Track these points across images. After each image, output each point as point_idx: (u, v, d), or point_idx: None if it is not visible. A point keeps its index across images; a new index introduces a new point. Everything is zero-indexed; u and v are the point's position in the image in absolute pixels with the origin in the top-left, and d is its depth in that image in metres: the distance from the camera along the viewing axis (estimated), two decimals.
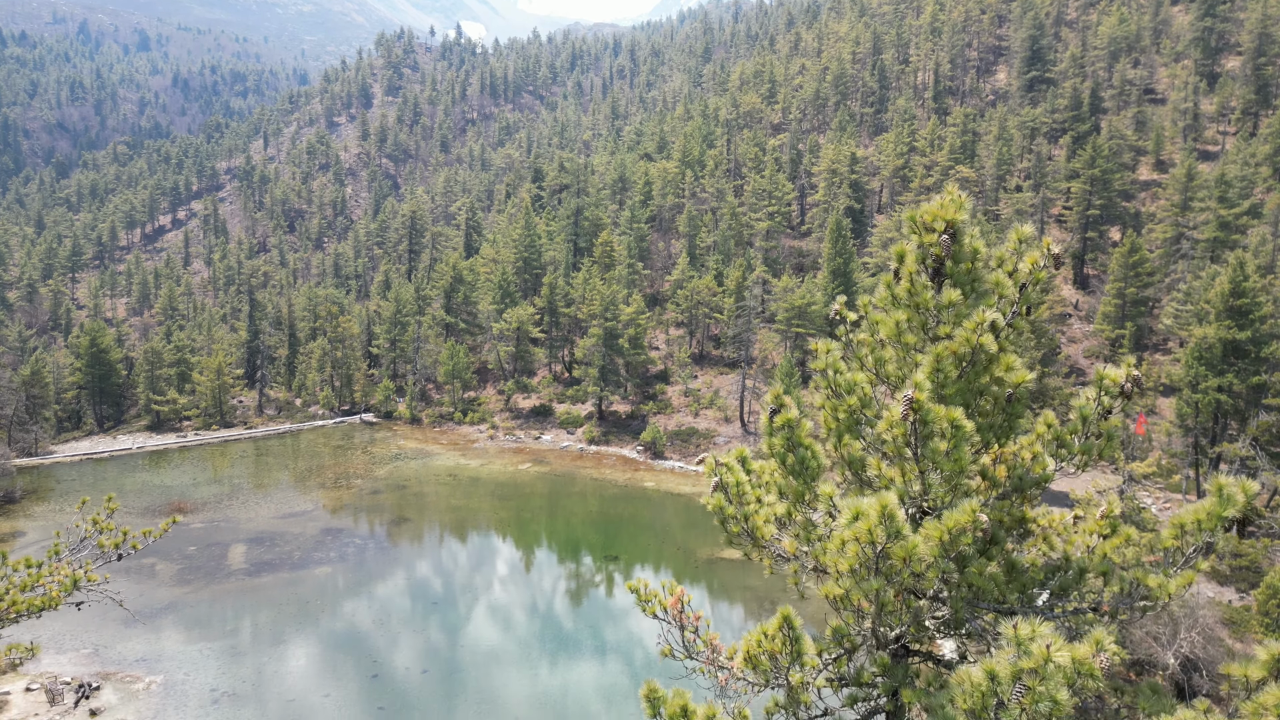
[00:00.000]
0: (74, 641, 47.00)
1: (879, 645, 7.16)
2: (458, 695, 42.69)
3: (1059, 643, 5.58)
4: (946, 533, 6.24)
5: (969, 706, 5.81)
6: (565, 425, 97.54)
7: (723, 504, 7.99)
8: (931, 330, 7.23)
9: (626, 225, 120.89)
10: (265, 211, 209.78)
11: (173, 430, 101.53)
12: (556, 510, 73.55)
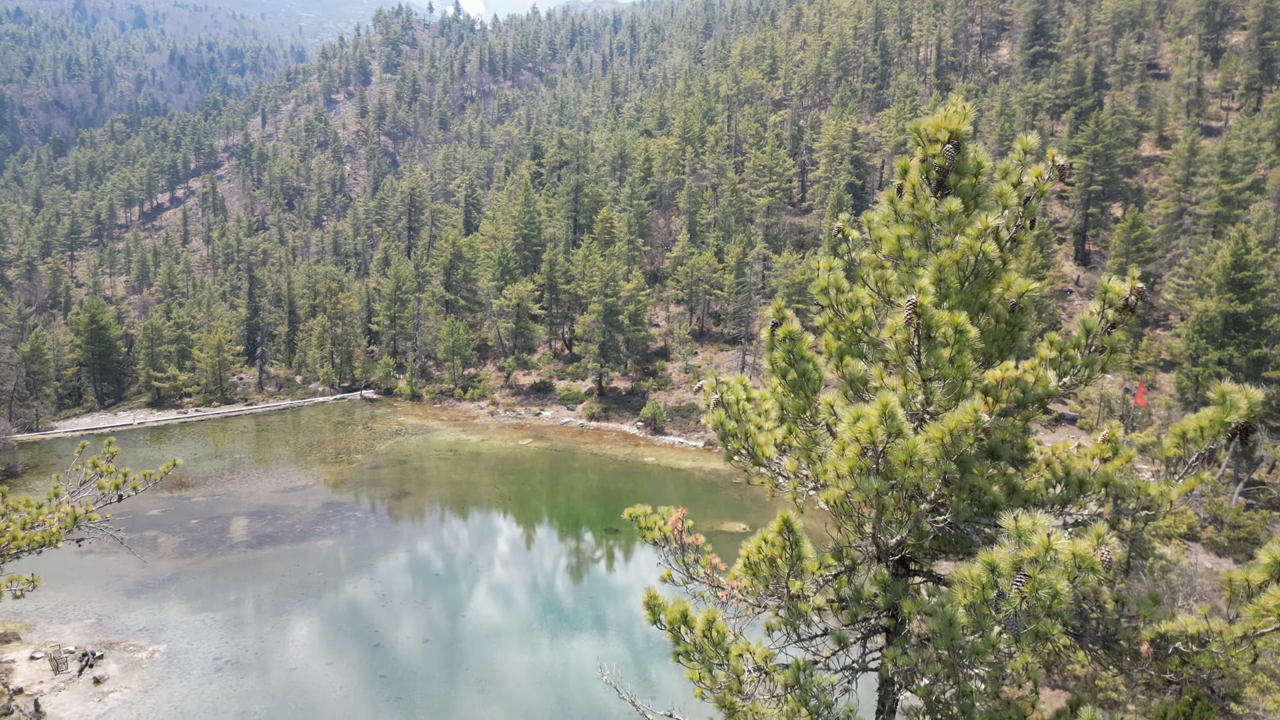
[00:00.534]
0: (77, 612, 47.29)
1: (879, 556, 7.14)
2: (459, 664, 42.98)
3: (1059, 535, 5.59)
4: (948, 434, 6.20)
5: (969, 601, 5.81)
6: (565, 401, 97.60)
7: (723, 419, 7.95)
8: (934, 244, 7.16)
9: (626, 202, 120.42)
10: (264, 189, 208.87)
11: (173, 407, 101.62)
12: (557, 485, 73.75)
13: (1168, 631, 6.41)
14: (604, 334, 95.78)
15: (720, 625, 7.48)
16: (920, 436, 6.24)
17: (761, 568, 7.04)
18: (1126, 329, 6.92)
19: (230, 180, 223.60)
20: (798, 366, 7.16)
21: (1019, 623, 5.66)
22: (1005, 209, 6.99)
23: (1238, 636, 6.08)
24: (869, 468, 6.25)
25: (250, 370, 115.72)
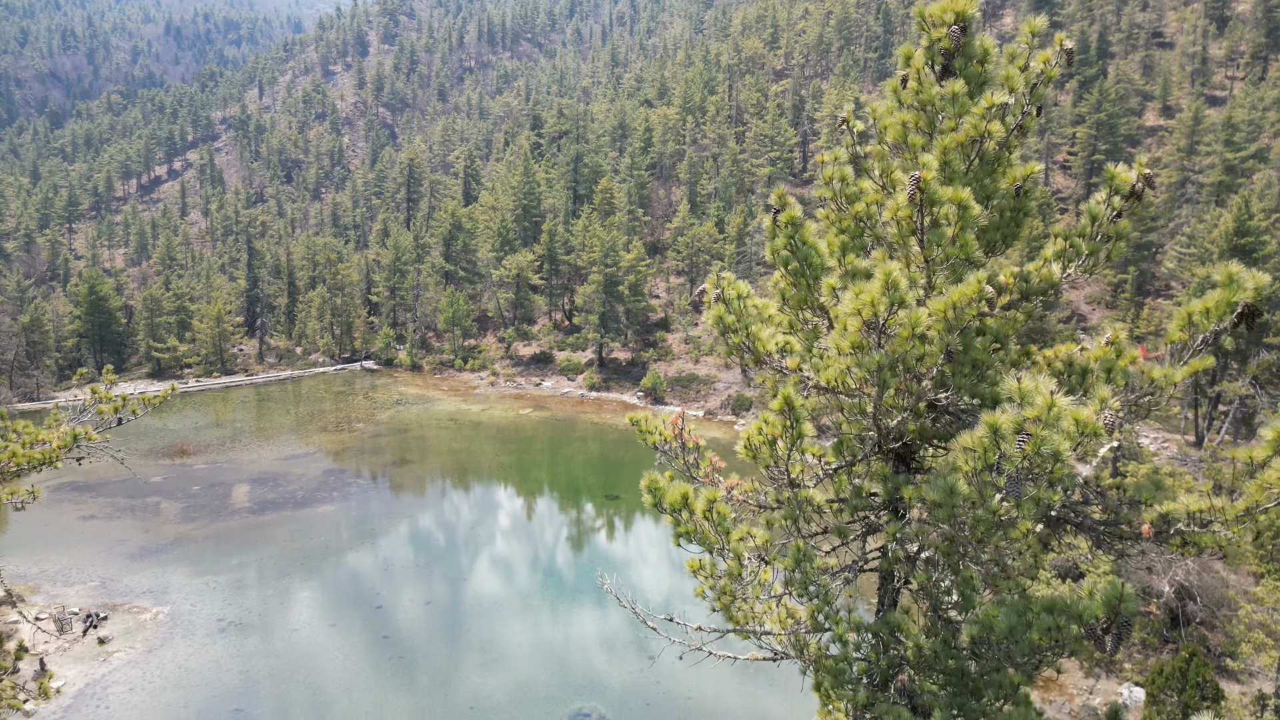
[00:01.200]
0: (81, 575, 47.57)
1: (879, 444, 7.10)
2: (460, 625, 43.30)
3: (1062, 395, 5.55)
4: (951, 306, 6.14)
5: (970, 468, 5.79)
6: (566, 372, 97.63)
7: (723, 314, 7.90)
8: (939, 130, 7.05)
9: (626, 172, 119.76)
10: (262, 161, 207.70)
11: (174, 378, 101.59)
12: (558, 453, 73.94)
13: (1170, 512, 6.40)
14: (604, 304, 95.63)
15: (721, 506, 7.47)
16: (923, 309, 6.18)
17: (763, 450, 7.02)
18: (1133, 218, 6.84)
19: (228, 152, 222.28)
20: (799, 254, 7.09)
21: (1020, 485, 5.64)
22: (1011, 92, 6.90)
23: (1240, 512, 6.06)
24: (870, 342, 6.19)
25: (250, 342, 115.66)
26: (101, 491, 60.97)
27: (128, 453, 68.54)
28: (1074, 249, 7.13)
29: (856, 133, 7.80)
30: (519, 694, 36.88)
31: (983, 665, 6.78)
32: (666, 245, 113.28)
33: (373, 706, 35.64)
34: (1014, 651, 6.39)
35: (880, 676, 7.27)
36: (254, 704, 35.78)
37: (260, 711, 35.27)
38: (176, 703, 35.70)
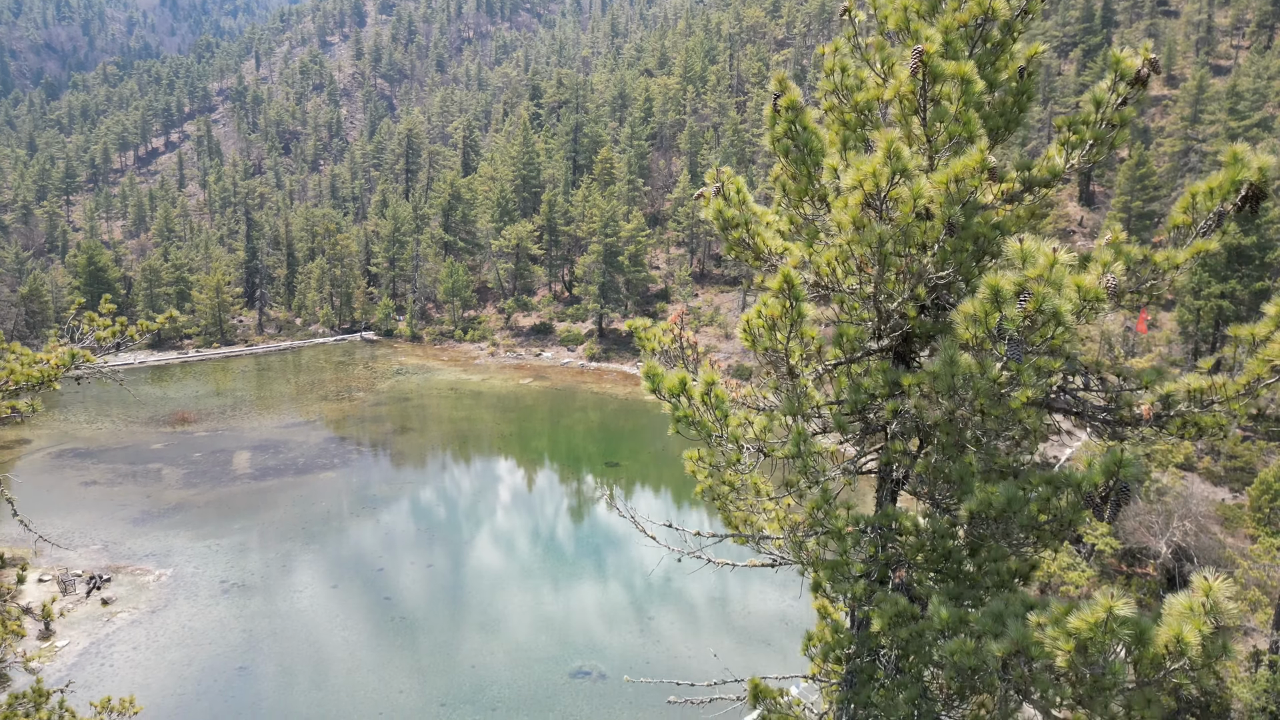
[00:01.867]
0: (84, 539, 47.81)
1: (879, 330, 7.07)
2: (461, 588, 43.61)
3: (1065, 254, 5.53)
4: (953, 178, 6.10)
5: (971, 335, 5.77)
6: (566, 343, 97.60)
7: (722, 208, 7.84)
8: (940, 13, 6.96)
9: (626, 142, 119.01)
10: (259, 133, 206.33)
11: (174, 348, 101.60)
12: (558, 422, 74.08)
13: (1170, 393, 6.40)
14: (604, 274, 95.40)
15: (719, 390, 7.47)
16: (925, 180, 6.13)
17: (762, 335, 6.99)
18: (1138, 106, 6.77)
19: (225, 124, 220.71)
20: (799, 140, 7.03)
21: (1021, 347, 5.62)
22: None
23: (1240, 388, 6.05)
24: (871, 217, 6.14)
25: (250, 313, 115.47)
26: (103, 458, 61.15)
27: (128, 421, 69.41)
28: (1077, 136, 7.07)
29: (858, 23, 7.70)
30: (520, 653, 37.21)
31: (980, 556, 6.82)
32: (667, 216, 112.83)
33: (375, 665, 35.98)
34: (1012, 529, 6.42)
35: (879, 574, 7.29)
36: (258, 662, 36.12)
37: (264, 669, 35.61)
38: (181, 661, 36.04)
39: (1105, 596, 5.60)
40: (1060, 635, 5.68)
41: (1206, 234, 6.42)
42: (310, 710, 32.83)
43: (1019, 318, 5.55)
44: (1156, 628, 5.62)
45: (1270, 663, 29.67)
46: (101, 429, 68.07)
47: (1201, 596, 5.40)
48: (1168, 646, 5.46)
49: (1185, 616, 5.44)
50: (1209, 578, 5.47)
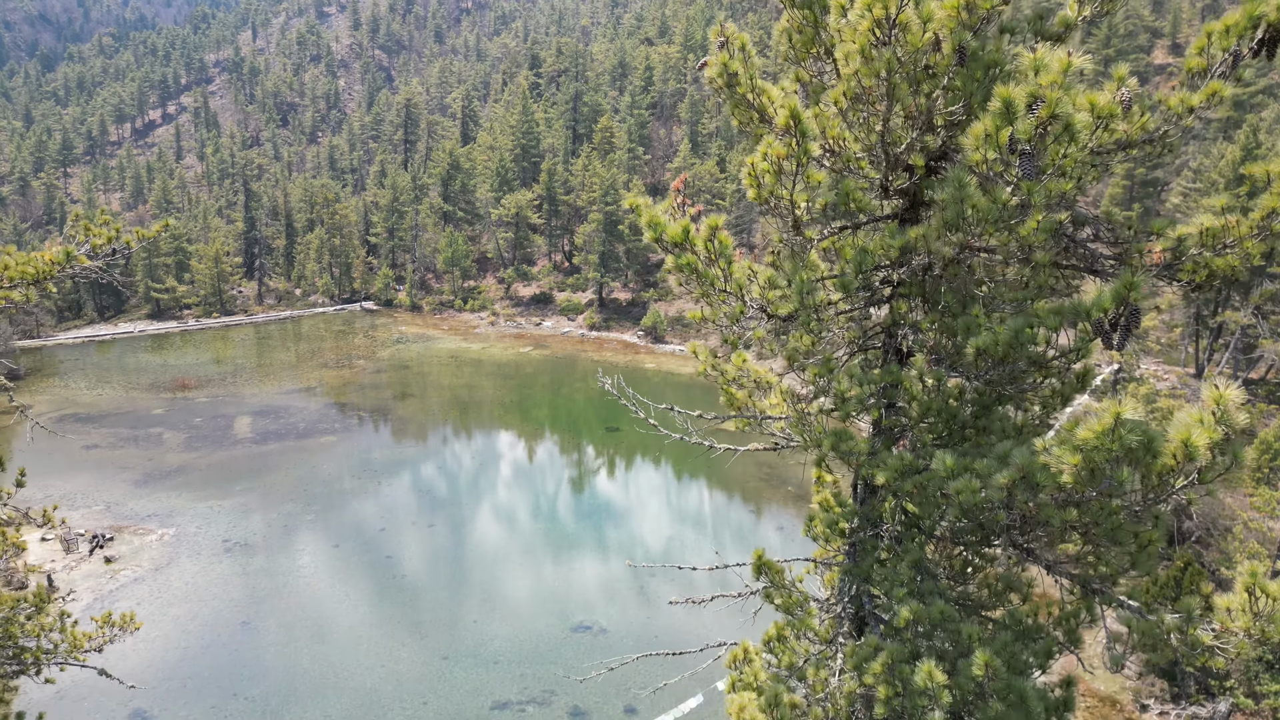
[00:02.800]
0: (86, 500, 47.95)
1: (887, 181, 6.94)
2: (462, 548, 43.80)
3: (1079, 58, 5.38)
4: (964, 4, 5.98)
5: (981, 156, 5.66)
6: (566, 312, 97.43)
7: (727, 61, 7.68)
8: None
9: (627, 111, 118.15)
10: (257, 105, 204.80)
11: (173, 318, 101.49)
12: (558, 388, 74.08)
13: (1183, 236, 6.30)
14: (604, 244, 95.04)
15: (723, 235, 7.35)
16: (934, 2, 5.99)
17: (766, 179, 6.87)
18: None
19: (222, 96, 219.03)
20: None
21: (1035, 163, 5.50)
22: None
23: (1254, 225, 5.94)
24: (880, 39, 6.00)
25: (249, 284, 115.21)
26: (104, 423, 61.21)
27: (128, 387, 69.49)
28: None
29: None
30: (521, 610, 37.42)
31: (987, 418, 6.76)
32: (667, 186, 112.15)
33: (377, 620, 36.20)
34: (1020, 371, 6.34)
35: (884, 441, 7.23)
36: (260, 617, 36.33)
37: (267, 624, 35.82)
38: (184, 616, 36.25)
39: (1113, 404, 5.51)
40: (1066, 451, 5.62)
41: (1222, 76, 6.29)
42: (313, 663, 33.06)
43: (1031, 128, 5.42)
44: (1166, 439, 5.55)
45: None
46: (102, 395, 68.07)
47: (1212, 405, 5.32)
48: (1175, 455, 5.39)
49: (1194, 424, 5.36)
50: (1219, 386, 5.38)
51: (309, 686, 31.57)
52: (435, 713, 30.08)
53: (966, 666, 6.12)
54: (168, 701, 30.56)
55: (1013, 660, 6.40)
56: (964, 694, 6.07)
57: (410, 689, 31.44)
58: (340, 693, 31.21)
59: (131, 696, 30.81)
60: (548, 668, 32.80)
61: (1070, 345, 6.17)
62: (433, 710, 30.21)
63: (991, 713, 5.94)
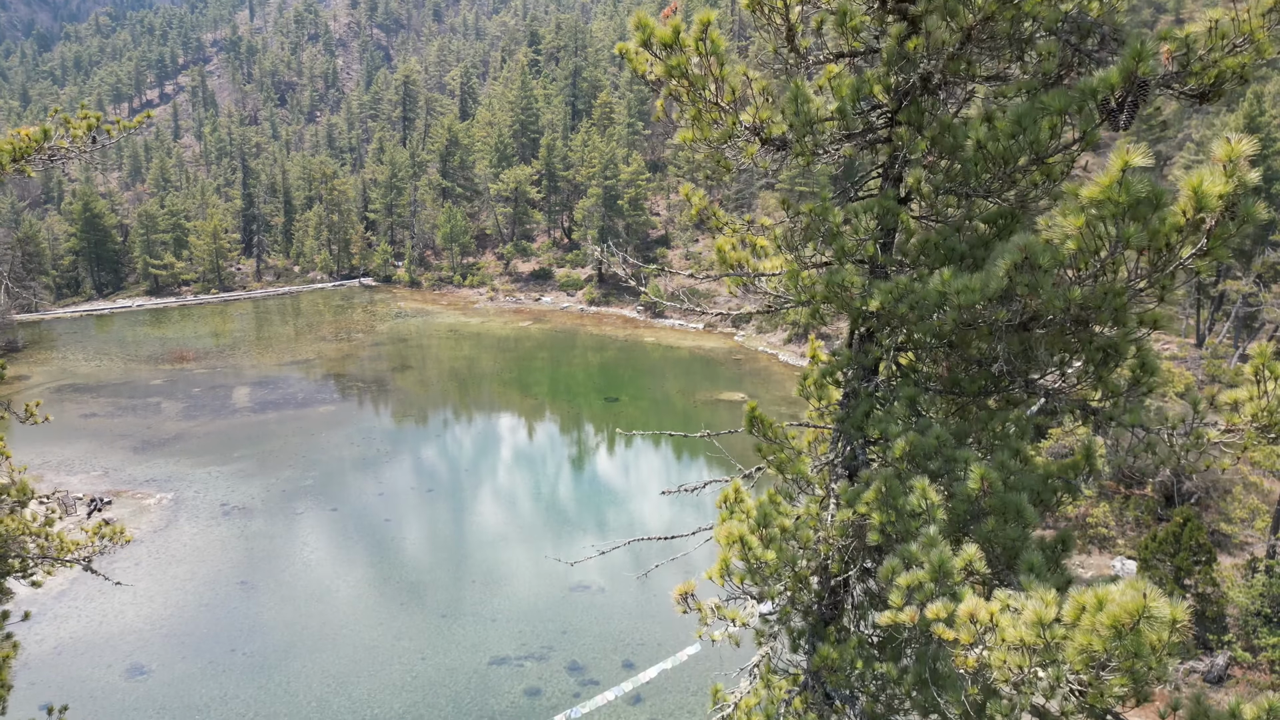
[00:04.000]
0: (84, 465, 47.93)
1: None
2: (462, 509, 43.79)
3: None
4: None
5: None
6: (565, 288, 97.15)
7: None
8: None
9: (626, 87, 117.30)
10: (254, 84, 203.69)
11: (172, 295, 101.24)
12: (558, 360, 73.93)
13: (1190, 35, 6.10)
14: (604, 218, 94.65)
15: (715, 33, 7.12)
16: None
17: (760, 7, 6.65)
18: None
19: (219, 75, 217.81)
20: None
21: None
22: None
23: (1266, 10, 5.72)
24: None
25: (247, 261, 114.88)
26: (102, 393, 61.14)
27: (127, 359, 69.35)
28: None
29: None
30: (520, 570, 37.44)
31: (982, 236, 6.59)
32: (667, 163, 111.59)
33: (376, 580, 36.22)
34: (1020, 172, 6.14)
35: (879, 277, 7.08)
36: (259, 577, 36.34)
37: (266, 584, 35.84)
38: (183, 575, 36.27)
39: (1120, 153, 5.31)
40: (1070, 216, 5.44)
41: None
42: (312, 621, 33.08)
43: None
44: (1174, 205, 5.36)
45: (1267, 568, 29.81)
46: (100, 366, 67.95)
47: (1223, 159, 5.11)
48: (1185, 212, 5.20)
49: (1206, 175, 5.14)
50: (1231, 139, 5.19)
51: (307, 642, 31.60)
52: (434, 667, 30.12)
53: (962, 487, 6.00)
54: (166, 656, 30.60)
55: (1009, 480, 6.27)
56: (958, 515, 5.95)
57: (408, 645, 31.47)
58: (338, 648, 31.25)
59: (130, 651, 30.88)
60: (545, 625, 32.82)
61: (1075, 136, 5.95)
62: (431, 665, 30.25)
63: (987, 528, 5.82)
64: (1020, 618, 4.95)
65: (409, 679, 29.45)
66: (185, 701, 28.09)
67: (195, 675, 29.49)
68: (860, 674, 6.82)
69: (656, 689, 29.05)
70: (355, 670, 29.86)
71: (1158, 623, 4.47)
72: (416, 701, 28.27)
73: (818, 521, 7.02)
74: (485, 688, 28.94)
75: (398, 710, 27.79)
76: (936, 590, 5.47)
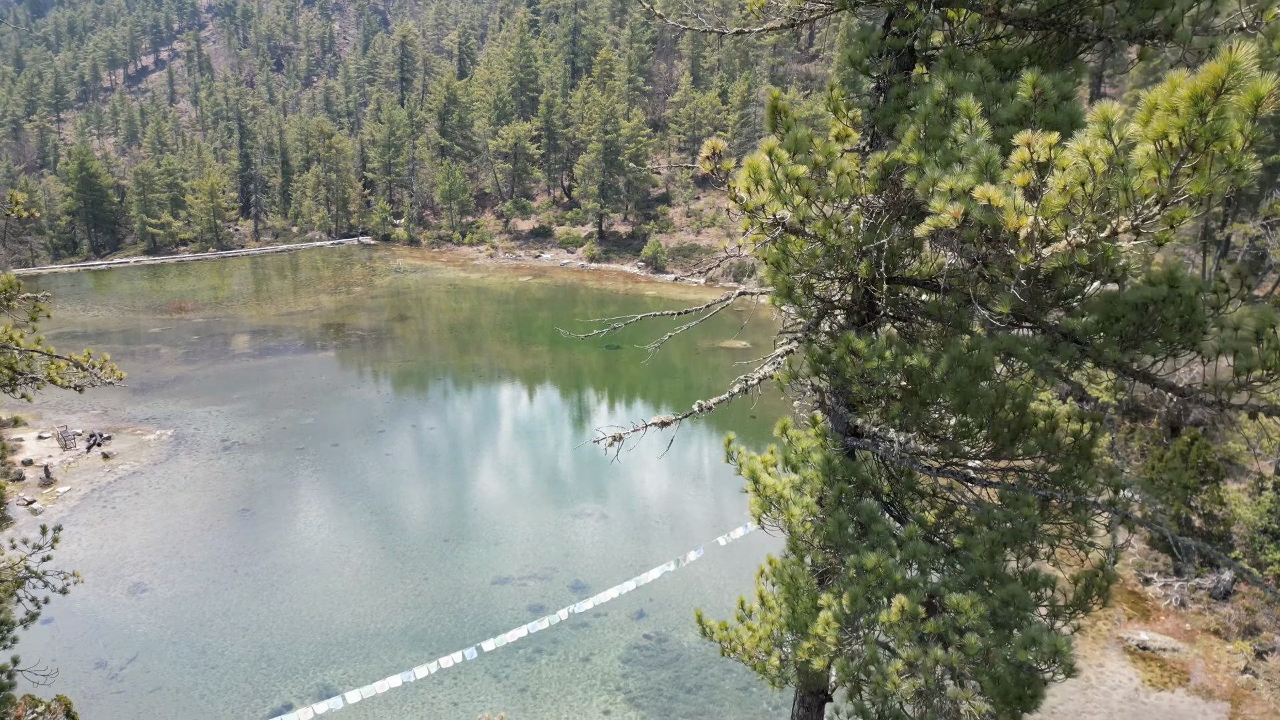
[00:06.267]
0: (82, 404, 47.66)
1: None
2: (462, 445, 43.60)
3: None
4: None
5: None
6: (565, 245, 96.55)
7: None
8: None
9: (627, 44, 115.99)
10: (251, 49, 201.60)
11: (170, 254, 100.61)
12: (558, 312, 73.48)
13: None
14: (604, 174, 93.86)
15: None
16: None
17: None
18: None
19: (215, 41, 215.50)
20: None
21: None
22: None
23: None
24: None
25: (246, 222, 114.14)
26: (100, 340, 60.75)
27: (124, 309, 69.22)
28: None
29: None
30: (522, 498, 37.28)
31: None
32: (669, 121, 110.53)
33: (377, 508, 36.02)
34: None
35: None
36: (260, 506, 36.17)
37: (267, 512, 35.66)
38: (184, 504, 36.08)
39: None
40: None
41: None
42: (312, 544, 32.94)
43: None
44: None
45: (1275, 485, 29.58)
46: (98, 316, 67.53)
47: None
48: None
49: None
50: None
51: (309, 564, 31.46)
52: (437, 587, 29.99)
53: (1010, 101, 5.59)
54: (167, 575, 30.45)
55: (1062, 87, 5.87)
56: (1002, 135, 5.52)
57: (411, 566, 31.34)
58: (341, 568, 31.11)
59: (131, 571, 30.74)
60: (548, 548, 32.67)
61: None
62: (434, 585, 30.12)
63: None
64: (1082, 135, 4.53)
65: (412, 597, 29.33)
66: (187, 616, 27.97)
67: (197, 593, 29.37)
68: (891, 365, 6.48)
69: (657, 587, 28.99)
70: (357, 589, 29.73)
71: (1245, 88, 4.09)
72: (419, 618, 28.15)
73: (854, 173, 6.63)
74: (488, 605, 28.81)
75: (401, 626, 27.67)
76: None
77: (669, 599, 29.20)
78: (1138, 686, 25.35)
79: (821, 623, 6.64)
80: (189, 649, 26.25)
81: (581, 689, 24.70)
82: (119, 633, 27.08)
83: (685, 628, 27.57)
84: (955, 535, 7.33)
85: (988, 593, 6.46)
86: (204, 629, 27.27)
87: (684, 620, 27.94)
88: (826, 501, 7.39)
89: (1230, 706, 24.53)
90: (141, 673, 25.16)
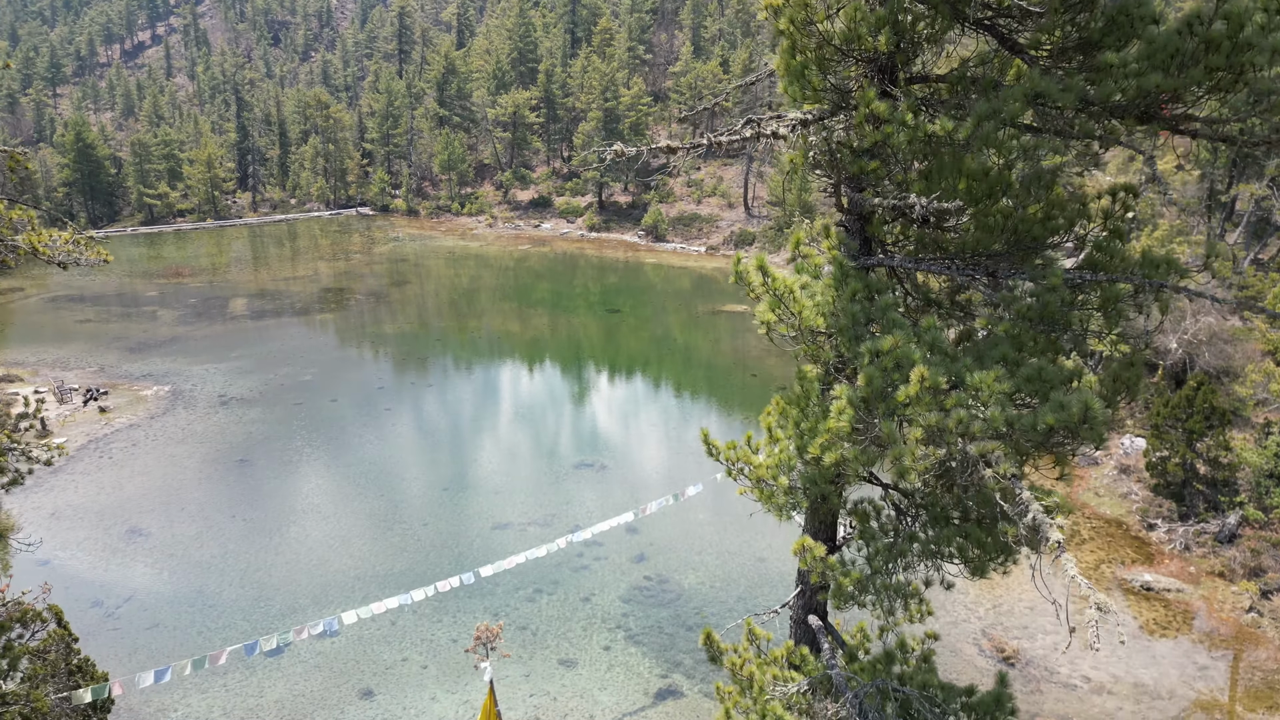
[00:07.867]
0: (79, 362, 47.41)
1: None
2: (462, 400, 43.34)
3: None
4: None
5: None
6: (565, 215, 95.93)
7: None
8: None
9: (627, 13, 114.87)
10: (248, 23, 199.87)
11: (167, 225, 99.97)
12: (559, 279, 73.06)
13: None
14: (604, 141, 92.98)
15: None
16: None
17: None
18: None
19: (211, 16, 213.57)
20: None
21: None
22: None
23: None
24: None
25: (243, 194, 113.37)
26: (97, 303, 60.46)
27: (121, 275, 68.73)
28: None
29: None
30: (523, 451, 37.04)
31: None
32: (669, 91, 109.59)
33: (377, 459, 35.77)
34: None
35: None
36: (258, 457, 35.93)
37: (265, 463, 35.43)
38: (181, 455, 35.85)
39: None
40: None
41: None
42: (311, 492, 32.73)
43: None
44: None
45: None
46: (95, 280, 67.11)
47: None
48: None
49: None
50: None
51: (308, 509, 31.26)
52: (435, 532, 29.79)
53: None
54: (165, 520, 30.24)
55: None
56: None
57: (410, 512, 31.13)
58: (340, 514, 30.92)
59: (128, 516, 30.52)
60: (548, 497, 32.47)
61: None
62: (433, 531, 29.92)
63: None
64: None
65: (411, 541, 29.14)
66: (185, 559, 27.77)
67: (195, 536, 29.16)
68: (911, 135, 6.15)
69: (657, 532, 28.82)
70: (356, 533, 29.53)
71: None
72: (419, 560, 27.96)
73: None
74: (488, 549, 28.60)
75: (399, 568, 27.48)
76: None
77: (669, 543, 29.02)
78: (1141, 625, 25.18)
79: (835, 411, 6.35)
80: (186, 589, 26.07)
81: (581, 626, 24.55)
82: (116, 574, 26.90)
83: (685, 570, 27.39)
84: (976, 319, 7.03)
85: (1013, 369, 6.15)
86: (202, 570, 27.09)
87: (684, 563, 27.76)
88: (840, 301, 7.07)
89: (1235, 644, 24.37)
90: (138, 611, 24.99)
